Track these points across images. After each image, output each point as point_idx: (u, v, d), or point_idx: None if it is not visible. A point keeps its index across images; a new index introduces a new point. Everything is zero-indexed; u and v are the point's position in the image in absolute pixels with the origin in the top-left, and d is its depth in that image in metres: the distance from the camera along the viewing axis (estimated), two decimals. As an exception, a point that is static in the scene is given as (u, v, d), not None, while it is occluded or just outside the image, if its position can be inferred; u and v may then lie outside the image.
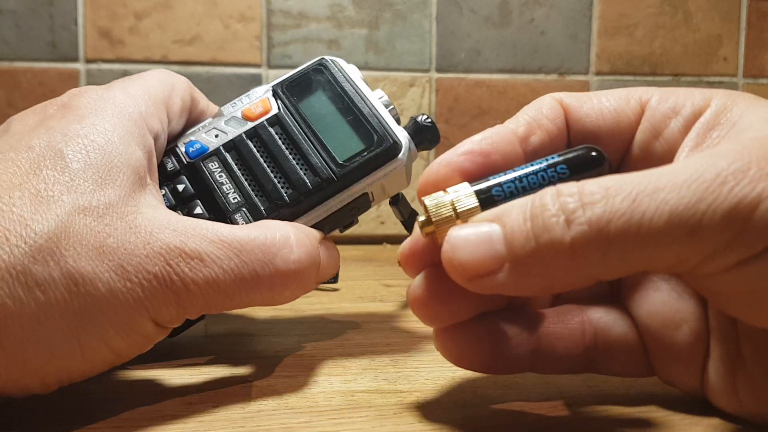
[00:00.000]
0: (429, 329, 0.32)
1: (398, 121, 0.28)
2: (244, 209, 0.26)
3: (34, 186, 0.20)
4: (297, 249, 0.23)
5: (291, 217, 0.26)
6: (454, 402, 0.22)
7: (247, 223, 0.25)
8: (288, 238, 0.23)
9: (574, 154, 0.21)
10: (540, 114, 0.22)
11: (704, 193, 0.16)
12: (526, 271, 0.18)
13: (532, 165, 0.20)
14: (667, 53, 0.69)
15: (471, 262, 0.18)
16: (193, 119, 0.29)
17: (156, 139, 0.25)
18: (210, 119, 0.29)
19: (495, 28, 0.68)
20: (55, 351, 0.19)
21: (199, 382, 0.24)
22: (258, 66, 0.66)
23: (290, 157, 0.27)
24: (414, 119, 0.29)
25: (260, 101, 0.28)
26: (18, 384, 0.19)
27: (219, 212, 0.26)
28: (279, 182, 0.26)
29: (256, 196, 0.26)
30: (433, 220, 0.20)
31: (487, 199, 0.20)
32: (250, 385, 0.24)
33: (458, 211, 0.19)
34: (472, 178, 0.21)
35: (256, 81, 0.66)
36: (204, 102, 0.29)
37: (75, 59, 0.64)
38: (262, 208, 0.26)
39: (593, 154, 0.21)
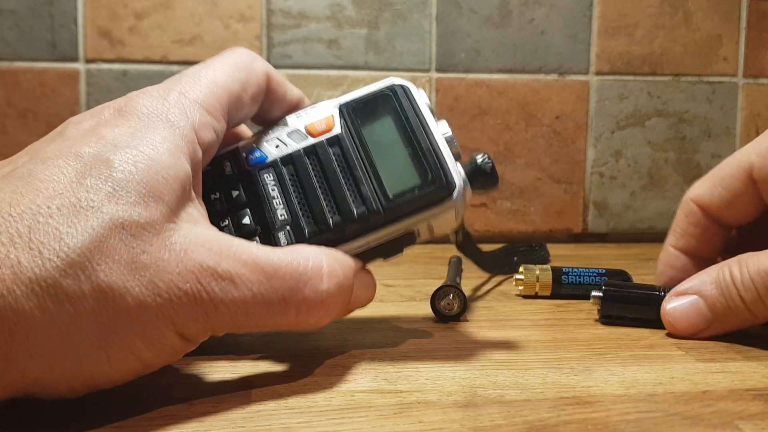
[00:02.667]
0: (429, 329, 0.32)
1: (458, 157, 0.27)
2: (288, 228, 0.26)
3: (75, 195, 0.19)
4: (327, 280, 0.23)
5: (332, 243, 0.25)
6: (454, 402, 0.22)
7: (288, 242, 0.25)
8: (320, 267, 0.23)
9: (614, 276, 0.38)
10: (684, 223, 0.32)
11: None
12: (724, 327, 0.29)
13: (586, 271, 0.39)
14: (667, 53, 0.69)
15: (687, 328, 0.30)
16: (268, 106, 0.28)
17: (206, 149, 0.25)
18: (275, 127, 0.28)
19: (495, 27, 0.69)
20: (83, 360, 0.19)
21: (199, 382, 0.24)
22: (258, 66, 0.65)
23: (343, 181, 0.26)
24: (475, 159, 0.27)
25: (325, 119, 0.28)
26: (47, 389, 0.19)
27: (265, 225, 0.26)
28: (327, 206, 0.26)
29: (303, 216, 0.26)
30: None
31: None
32: (249, 384, 0.24)
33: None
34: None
35: (256, 81, 0.66)
36: (284, 91, 0.28)
37: (75, 59, 0.64)
38: (306, 230, 0.26)
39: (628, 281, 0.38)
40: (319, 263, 0.23)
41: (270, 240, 0.26)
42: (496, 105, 0.69)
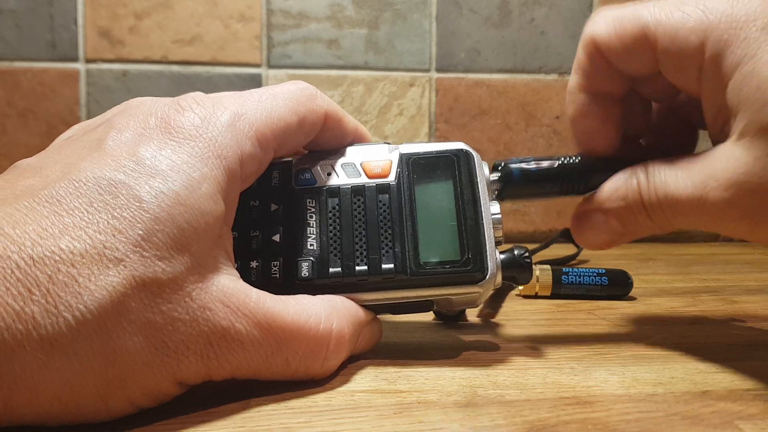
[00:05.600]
0: (429, 329, 0.32)
1: (500, 242, 0.27)
2: (312, 259, 0.25)
3: (101, 241, 0.19)
4: (333, 346, 0.24)
5: (350, 289, 0.25)
6: (454, 402, 0.22)
7: (309, 274, 0.25)
8: (329, 333, 0.23)
9: (614, 276, 0.39)
10: (586, 62, 0.28)
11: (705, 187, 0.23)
12: (633, 237, 0.28)
13: (586, 271, 0.40)
14: (667, 53, 0.69)
15: (600, 245, 0.28)
16: (321, 140, 0.27)
17: (246, 180, 0.24)
18: (333, 153, 0.28)
19: (495, 27, 0.69)
20: (82, 410, 0.19)
21: (198, 382, 0.24)
22: (258, 66, 0.66)
23: (380, 232, 0.26)
24: (513, 251, 0.27)
25: (383, 162, 0.27)
26: (35, 424, 0.19)
27: (292, 249, 0.26)
28: (357, 251, 0.26)
29: (330, 252, 0.26)
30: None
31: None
32: (249, 384, 0.24)
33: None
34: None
35: (256, 81, 0.66)
36: (341, 129, 0.28)
37: (75, 59, 0.64)
38: (330, 268, 0.25)
39: (627, 281, 0.39)
40: (329, 328, 0.23)
41: (291, 265, 0.26)
42: (496, 105, 0.69)
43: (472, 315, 0.35)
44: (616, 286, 0.39)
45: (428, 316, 0.34)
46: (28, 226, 0.18)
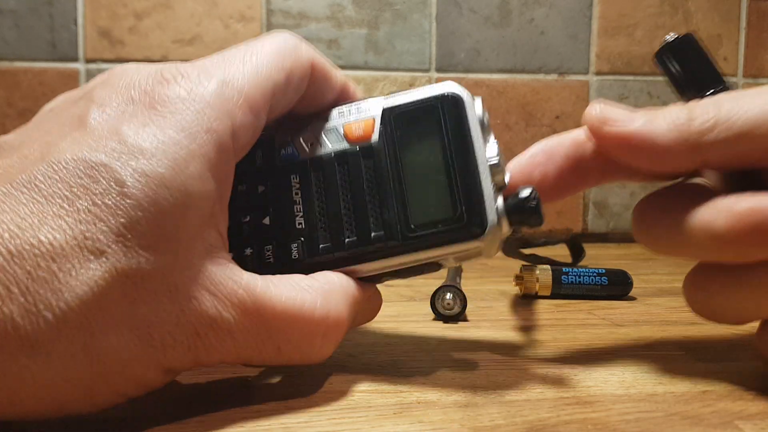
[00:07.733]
0: (429, 329, 0.32)
1: (503, 186, 0.25)
2: (301, 239, 0.25)
3: (81, 231, 0.18)
4: (329, 330, 0.22)
5: (344, 263, 0.24)
6: (454, 402, 0.22)
7: (299, 255, 0.24)
8: (324, 320, 0.22)
9: (614, 276, 0.39)
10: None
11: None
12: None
13: (586, 271, 0.39)
14: (667, 53, 0.69)
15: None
16: (309, 96, 0.26)
17: (240, 151, 0.23)
18: (317, 119, 0.26)
19: (495, 27, 0.69)
20: (67, 405, 0.18)
21: (198, 382, 0.24)
22: (258, 66, 0.66)
23: (368, 199, 0.25)
24: (518, 195, 0.24)
25: (365, 122, 0.26)
26: (17, 420, 0.19)
27: (281, 230, 0.25)
28: (345, 223, 0.25)
29: (320, 228, 0.25)
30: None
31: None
32: (249, 384, 0.24)
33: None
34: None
35: (256, 81, 0.66)
36: (328, 81, 0.26)
37: (75, 59, 0.64)
38: (320, 245, 0.25)
39: (627, 281, 0.39)
40: (324, 313, 0.22)
41: (283, 248, 0.25)
42: (496, 105, 0.69)
43: (471, 315, 0.35)
44: (616, 286, 0.39)
45: (428, 316, 0.34)
46: (5, 214, 0.17)
